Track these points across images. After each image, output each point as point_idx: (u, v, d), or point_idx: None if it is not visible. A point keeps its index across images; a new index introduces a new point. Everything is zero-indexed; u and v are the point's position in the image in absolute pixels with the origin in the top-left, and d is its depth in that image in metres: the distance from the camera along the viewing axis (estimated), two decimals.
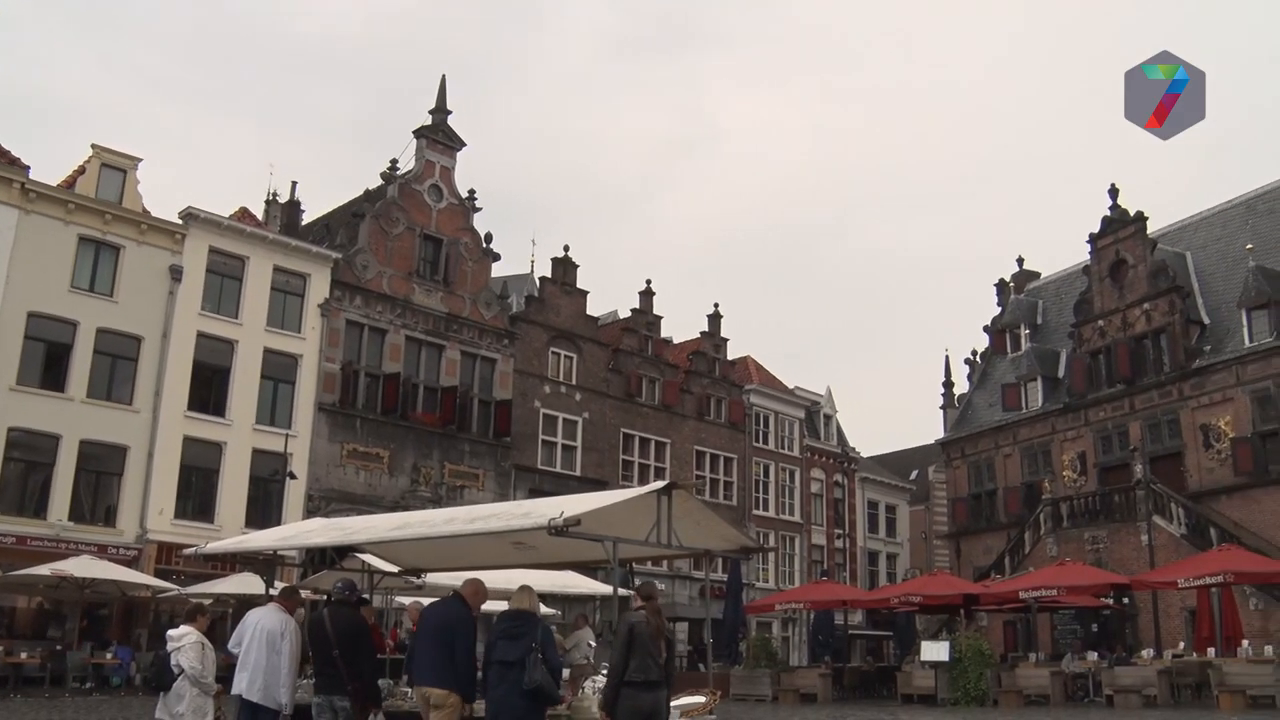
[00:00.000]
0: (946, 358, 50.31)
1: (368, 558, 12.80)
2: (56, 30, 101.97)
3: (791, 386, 49.96)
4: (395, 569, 13.08)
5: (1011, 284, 49.55)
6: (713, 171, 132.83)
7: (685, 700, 10.94)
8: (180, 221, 30.21)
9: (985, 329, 49.52)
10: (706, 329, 46.30)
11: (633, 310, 43.70)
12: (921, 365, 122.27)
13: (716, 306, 46.42)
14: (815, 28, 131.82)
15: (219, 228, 30.92)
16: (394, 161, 35.77)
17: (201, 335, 30.06)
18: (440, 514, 12.07)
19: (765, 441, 47.16)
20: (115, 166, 29.64)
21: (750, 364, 48.78)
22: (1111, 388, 39.03)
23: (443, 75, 37.57)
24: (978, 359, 49.17)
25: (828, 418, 51.46)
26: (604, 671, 13.20)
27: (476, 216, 37.79)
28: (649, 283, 43.48)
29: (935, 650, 25.43)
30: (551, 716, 8.98)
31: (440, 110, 36.88)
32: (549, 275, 40.51)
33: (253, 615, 10.06)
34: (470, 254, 37.09)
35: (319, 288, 32.66)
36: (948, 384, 49.11)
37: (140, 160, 30.19)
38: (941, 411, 48.56)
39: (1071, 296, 43.29)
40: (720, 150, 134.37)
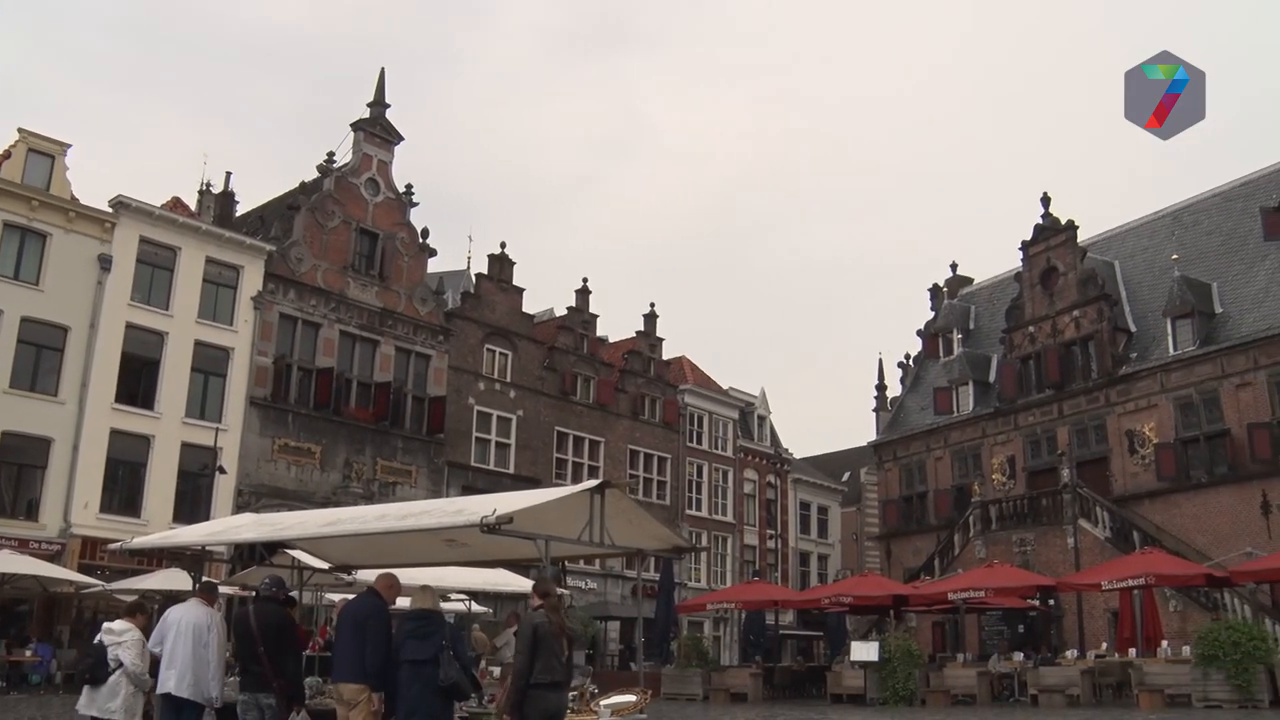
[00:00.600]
0: (880, 361, 50.75)
1: (298, 554, 12.64)
2: None
3: (726, 387, 50.18)
4: (326, 566, 12.95)
5: (945, 289, 50.07)
6: (649, 172, 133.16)
7: (616, 699, 10.93)
8: (110, 210, 29.69)
9: (918, 333, 49.99)
10: (642, 328, 46.37)
11: (569, 308, 43.64)
12: (855, 368, 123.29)
13: (652, 306, 46.60)
14: (751, 35, 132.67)
15: (150, 217, 30.41)
16: (331, 154, 35.47)
17: (131, 326, 29.54)
18: (372, 510, 11.98)
19: (699, 442, 47.32)
20: (43, 152, 29.07)
21: (685, 364, 48.91)
22: (1041, 393, 39.61)
23: (381, 68, 37.41)
24: (911, 362, 49.60)
25: (761, 419, 51.76)
26: None
27: (413, 211, 37.56)
28: (585, 281, 43.54)
29: (865, 650, 25.65)
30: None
31: (379, 103, 36.58)
32: (485, 272, 40.32)
33: (174, 612, 9.90)
34: (406, 249, 36.83)
35: (252, 280, 32.24)
36: (881, 387, 49.49)
37: (69, 146, 29.65)
38: (874, 414, 48.91)
39: (1003, 302, 43.84)
40: (657, 151, 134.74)
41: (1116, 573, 25.39)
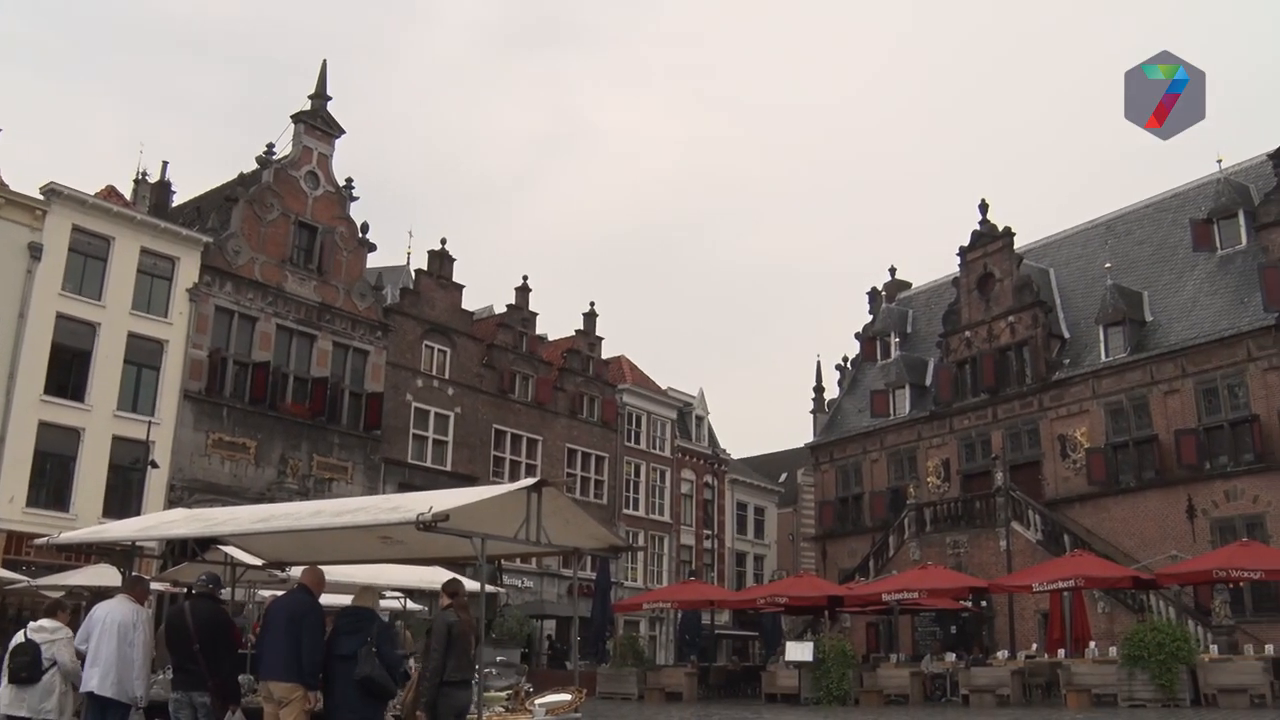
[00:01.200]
0: (818, 363, 51.07)
1: (231, 550, 12.49)
2: None
3: (664, 387, 50.26)
4: (259, 562, 12.79)
5: (883, 293, 50.53)
6: (590, 170, 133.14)
7: (551, 698, 10.93)
8: (41, 197, 29.03)
9: (857, 336, 50.41)
10: (582, 327, 46.30)
11: (508, 306, 43.47)
12: (793, 370, 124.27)
13: (592, 305, 46.56)
14: (690, 35, 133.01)
15: (83, 205, 29.81)
16: (270, 146, 34.99)
17: (61, 316, 28.93)
18: (307, 506, 11.84)
19: (637, 441, 47.37)
20: None
21: (624, 363, 48.93)
22: (976, 397, 40.12)
23: (323, 60, 37.04)
24: (848, 365, 49.98)
25: (699, 419, 51.92)
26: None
27: (353, 206, 37.16)
28: (525, 279, 43.36)
29: (799, 650, 25.81)
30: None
31: (320, 96, 36.19)
32: (425, 268, 40.04)
33: (101, 608, 9.73)
34: (346, 243, 36.47)
35: (188, 272, 31.74)
36: (819, 389, 49.82)
37: None
38: (812, 416, 49.24)
39: (941, 307, 44.33)
40: (597, 149, 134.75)
41: (1047, 575, 25.76)
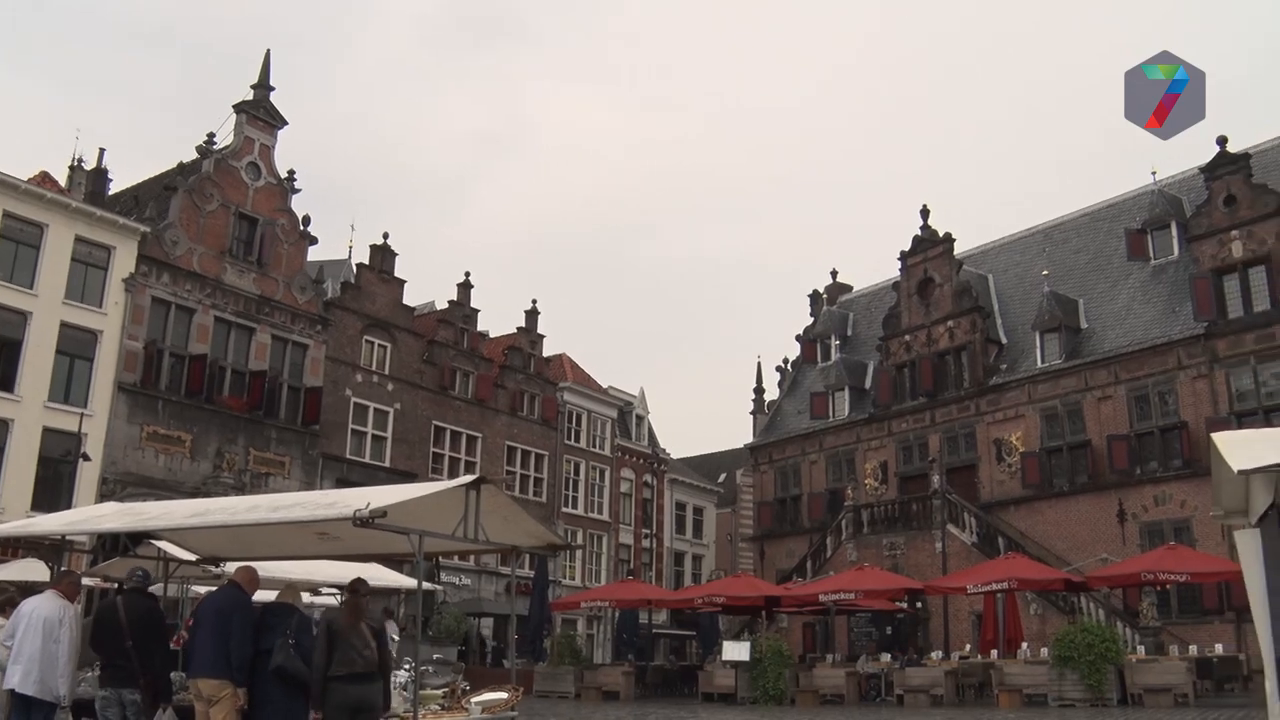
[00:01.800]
0: (759, 364, 51.30)
1: (164, 545, 12.26)
2: None
3: (605, 386, 50.23)
4: (193, 557, 12.58)
5: (825, 295, 50.84)
6: (533, 168, 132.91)
7: (487, 696, 10.88)
8: None
9: (797, 338, 50.64)
10: (523, 325, 46.13)
11: (450, 302, 43.18)
12: (734, 371, 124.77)
13: (534, 303, 46.44)
14: (638, 36, 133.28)
15: (15, 191, 29.13)
16: (211, 135, 34.45)
17: None
18: (243, 501, 11.69)
19: (577, 440, 47.30)
20: None
21: (565, 361, 48.86)
22: (914, 400, 40.51)
23: (267, 50, 36.47)
24: (789, 367, 50.26)
25: (640, 418, 51.98)
26: (407, 665, 13.11)
27: (295, 198, 36.72)
28: (468, 275, 43.10)
29: (736, 650, 25.92)
30: None
31: (263, 86, 35.69)
32: (366, 262, 39.68)
33: (27, 604, 9.54)
34: (286, 236, 36.03)
35: (124, 262, 31.16)
36: (759, 390, 50.04)
37: None
38: (752, 417, 49.47)
39: (881, 310, 44.69)
40: (540, 147, 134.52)
41: (981, 577, 26.07)
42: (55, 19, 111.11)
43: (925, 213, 42.13)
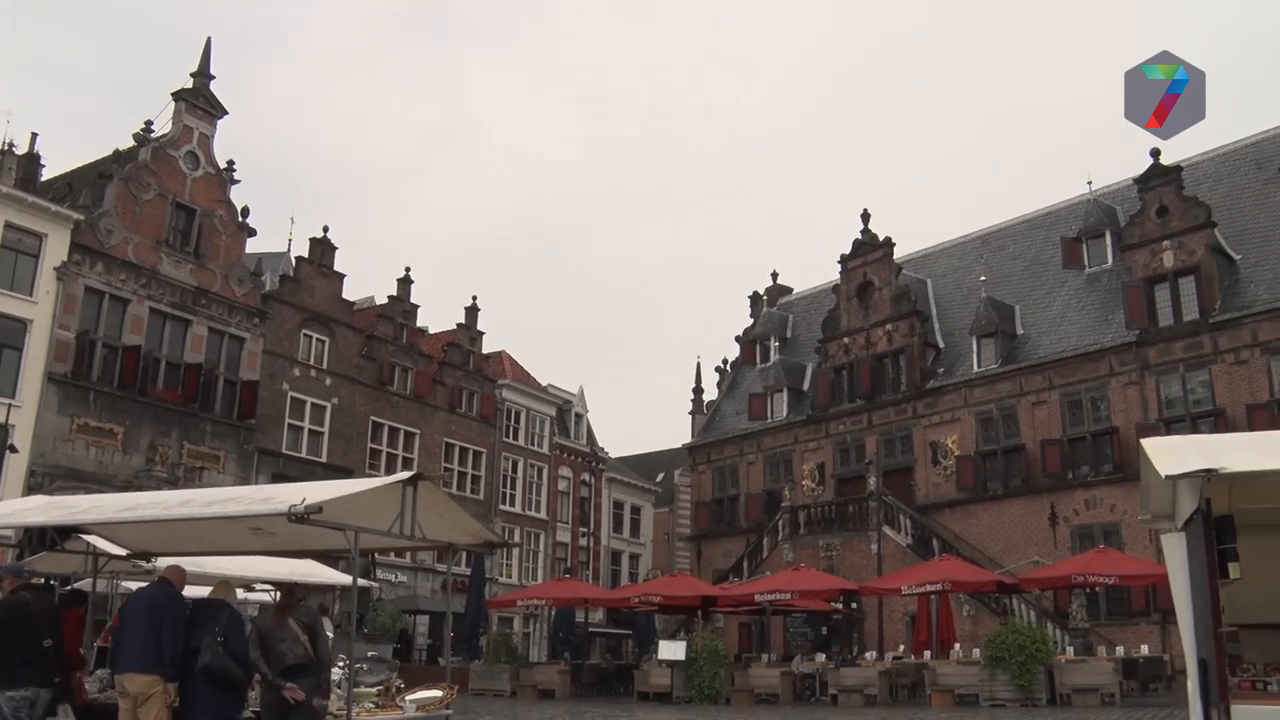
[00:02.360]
0: (698, 365, 51.49)
1: (94, 539, 12.03)
2: None
3: (544, 384, 50.09)
4: (123, 552, 12.35)
5: (765, 297, 51.11)
6: (474, 165, 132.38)
7: (422, 694, 10.81)
8: None
9: (737, 339, 50.87)
10: (463, 321, 45.88)
11: (390, 297, 42.82)
12: (674, 371, 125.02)
13: (475, 299, 46.13)
14: (583, 35, 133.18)
15: None
16: (149, 123, 33.80)
17: None
18: (176, 495, 11.50)
19: (515, 437, 47.14)
20: None
21: (505, 359, 48.67)
22: (852, 402, 40.85)
23: (208, 38, 35.99)
24: (728, 368, 50.46)
25: (579, 417, 51.90)
26: (341, 663, 12.99)
27: (234, 189, 36.15)
28: (408, 270, 42.72)
29: (672, 649, 25.99)
30: None
31: (203, 74, 35.12)
32: (306, 255, 39.21)
33: None
34: (225, 227, 35.50)
35: (56, 250, 30.51)
36: (698, 390, 50.19)
37: None
38: (690, 417, 49.62)
39: (821, 313, 45.02)
40: (484, 144, 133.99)
41: (916, 578, 26.37)
42: None
43: (866, 217, 42.51)
